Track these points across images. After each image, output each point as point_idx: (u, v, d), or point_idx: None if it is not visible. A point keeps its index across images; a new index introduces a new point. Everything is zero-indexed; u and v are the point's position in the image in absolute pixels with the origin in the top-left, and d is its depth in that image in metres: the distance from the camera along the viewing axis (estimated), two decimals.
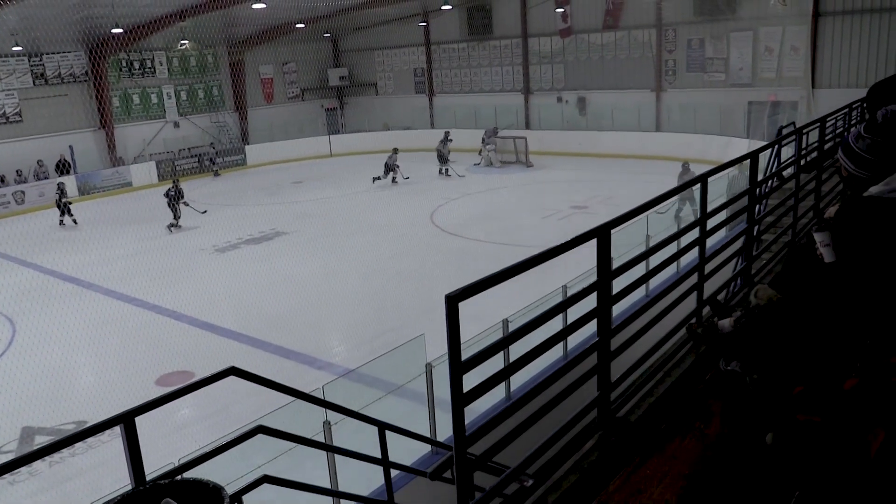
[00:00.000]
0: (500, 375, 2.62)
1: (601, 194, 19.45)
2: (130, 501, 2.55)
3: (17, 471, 2.52)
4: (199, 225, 19.54)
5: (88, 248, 17.72)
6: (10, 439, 8.74)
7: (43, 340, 11.88)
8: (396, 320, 11.34)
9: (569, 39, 28.49)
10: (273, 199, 22.68)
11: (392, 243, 16.10)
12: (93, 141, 27.30)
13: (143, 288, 13.98)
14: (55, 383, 10.39)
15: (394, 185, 22.94)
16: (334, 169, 27.83)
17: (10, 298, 13.90)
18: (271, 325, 11.49)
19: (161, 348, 11.10)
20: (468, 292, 2.29)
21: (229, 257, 16.20)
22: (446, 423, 6.47)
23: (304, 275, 14.18)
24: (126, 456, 2.71)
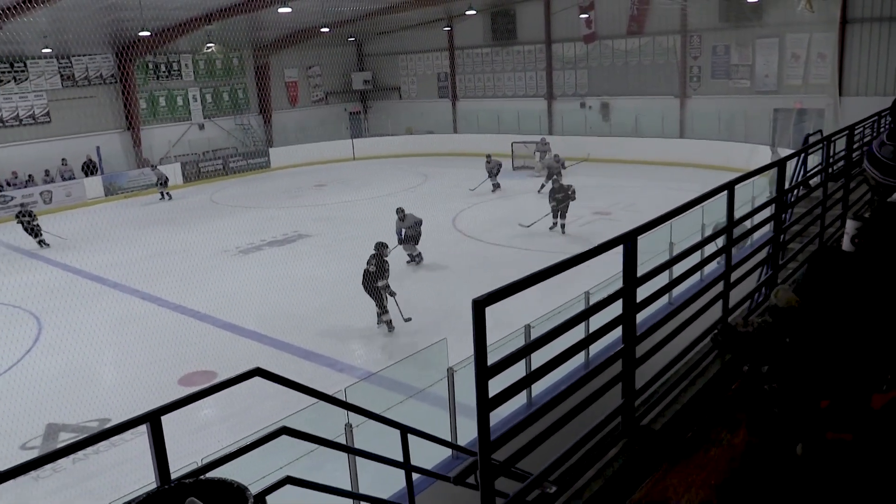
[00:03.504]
0: (525, 381, 2.61)
1: (624, 201, 19.36)
2: (156, 500, 2.57)
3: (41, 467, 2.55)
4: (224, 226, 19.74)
5: (114, 248, 17.93)
6: (34, 435, 8.86)
7: (68, 338, 12.04)
8: (417, 324, 11.35)
9: (592, 45, 28.43)
10: (296, 201, 22.82)
11: None
12: (119, 142, 27.67)
13: (166, 288, 14.11)
14: (79, 381, 10.51)
15: (494, 191, 22.60)
16: (357, 172, 27.95)
17: (36, 296, 14.12)
18: (293, 327, 11.55)
19: (184, 348, 11.19)
20: (495, 297, 2.29)
21: (252, 259, 16.32)
22: (466, 428, 6.47)
23: (326, 277, 14.23)
24: (151, 454, 2.73)
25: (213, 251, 16.97)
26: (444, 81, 33.66)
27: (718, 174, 19.34)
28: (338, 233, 18.14)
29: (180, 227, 19.76)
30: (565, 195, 16.61)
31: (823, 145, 7.20)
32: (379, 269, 11.36)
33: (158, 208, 23.63)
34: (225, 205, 23.40)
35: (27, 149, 25.01)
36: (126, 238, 19.11)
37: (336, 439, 4.45)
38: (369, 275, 11.42)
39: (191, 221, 20.65)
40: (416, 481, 4.63)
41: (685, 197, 4.08)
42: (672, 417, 3.52)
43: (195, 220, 20.98)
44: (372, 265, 11.40)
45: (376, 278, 11.32)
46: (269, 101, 32.28)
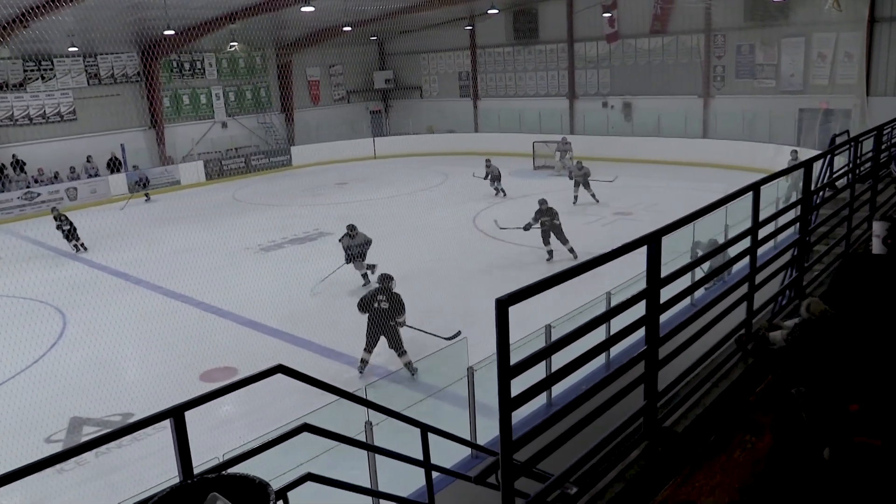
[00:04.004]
0: (548, 381, 2.59)
1: (646, 201, 19.23)
2: (179, 494, 2.59)
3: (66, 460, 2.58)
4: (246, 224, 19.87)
5: (137, 245, 18.12)
6: (58, 429, 8.97)
7: (91, 333, 12.19)
8: (437, 323, 11.33)
9: (615, 44, 28.26)
10: (317, 199, 22.91)
11: (434, 246, 16.11)
12: (143, 140, 27.95)
13: (189, 284, 14.21)
14: (102, 375, 10.62)
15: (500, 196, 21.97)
16: (378, 171, 28.02)
17: (61, 291, 14.31)
18: (313, 325, 11.59)
19: (205, 344, 11.28)
20: (518, 297, 2.28)
21: (273, 256, 16.42)
22: (486, 428, 6.46)
23: (347, 276, 14.28)
24: (175, 449, 2.75)
25: (235, 248, 17.08)
26: (466, 80, 33.63)
27: (742, 175, 19.16)
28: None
29: (203, 225, 19.94)
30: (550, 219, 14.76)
31: (850, 146, 7.10)
32: (393, 304, 9.87)
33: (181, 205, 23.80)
34: (247, 202, 23.57)
35: (53, 146, 25.35)
36: (149, 235, 19.32)
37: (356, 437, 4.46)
38: (382, 313, 9.85)
39: (213, 219, 20.82)
40: (436, 480, 4.63)
41: (708, 197, 4.05)
42: (695, 420, 3.49)
43: (218, 217, 21.14)
44: (384, 301, 9.82)
45: (393, 315, 9.78)
46: (292, 100, 32.45)
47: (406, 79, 35.34)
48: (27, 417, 9.38)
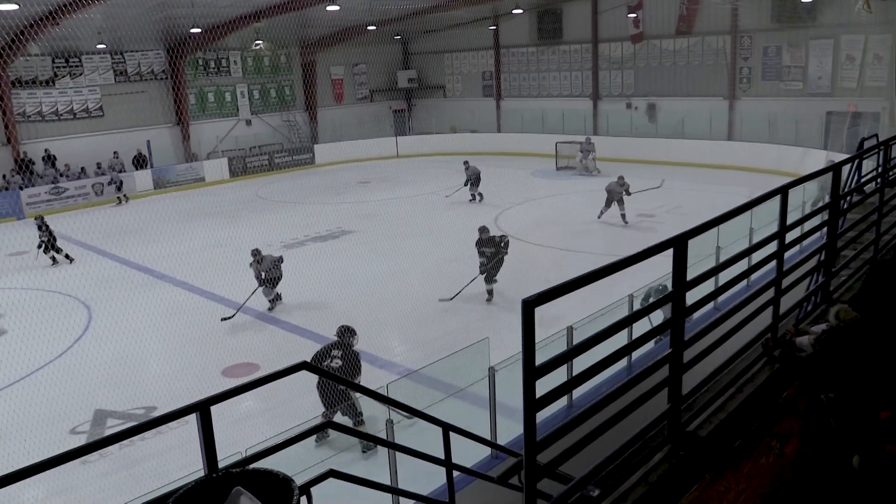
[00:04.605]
0: (573, 382, 2.59)
1: (669, 203, 19.08)
2: (204, 487, 2.61)
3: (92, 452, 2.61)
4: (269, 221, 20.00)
5: (162, 241, 18.32)
6: (83, 421, 9.09)
7: (116, 327, 12.35)
8: (456, 322, 11.35)
9: (640, 45, 28.10)
10: (339, 198, 23.02)
11: (455, 246, 16.08)
12: (169, 136, 28.24)
13: (212, 280, 14.34)
14: (126, 369, 10.76)
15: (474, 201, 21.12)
16: (400, 170, 28.09)
17: (87, 286, 14.49)
18: (334, 322, 11.59)
19: (228, 340, 11.39)
20: (545, 298, 2.27)
21: (296, 254, 16.49)
22: (505, 429, 6.45)
23: (368, 274, 14.33)
24: (200, 443, 2.77)
25: (258, 245, 17.07)
26: (489, 80, 33.60)
27: (768, 178, 18.97)
28: (380, 230, 18.24)
29: (227, 221, 20.11)
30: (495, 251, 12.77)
31: (879, 150, 6.99)
32: (349, 363, 7.98)
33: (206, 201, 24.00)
34: (270, 200, 23.73)
35: (81, 142, 25.69)
36: (174, 231, 19.52)
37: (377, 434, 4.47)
38: (331, 372, 7.35)
39: (237, 216, 21.00)
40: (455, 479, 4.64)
41: (732, 200, 4.01)
42: (718, 424, 3.46)
43: (241, 214, 21.32)
44: (337, 358, 8.01)
45: (348, 375, 7.78)
46: (315, 98, 32.62)
47: (429, 78, 35.38)
48: (53, 409, 9.54)
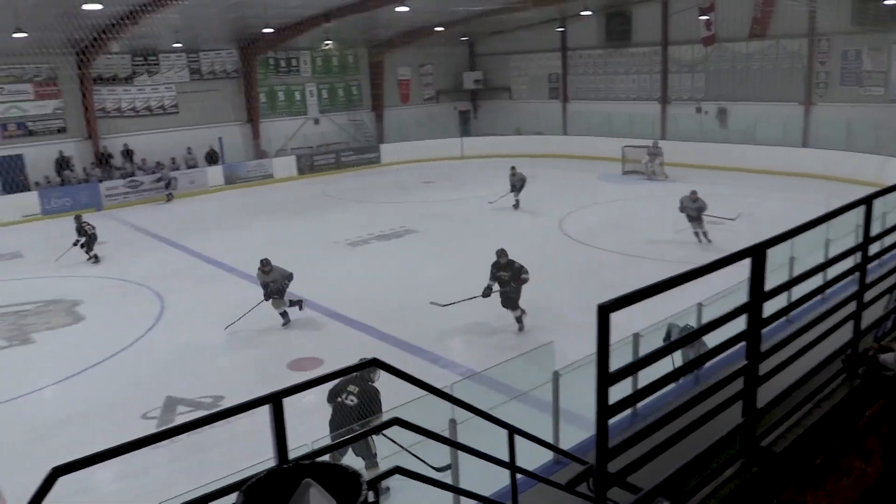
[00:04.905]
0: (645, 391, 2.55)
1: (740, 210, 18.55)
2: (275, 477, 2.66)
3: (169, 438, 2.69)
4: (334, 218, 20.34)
5: (232, 235, 18.86)
6: (154, 406, 9.38)
7: (187, 317, 12.75)
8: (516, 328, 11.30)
9: (712, 48, 27.45)
10: (404, 197, 23.21)
11: (518, 248, 15.92)
12: (240, 133, 28.97)
13: None
14: (196, 358, 11.08)
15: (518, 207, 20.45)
16: (464, 171, 28.13)
17: (160, 276, 15.02)
18: (397, 320, 11.75)
19: (293, 334, 11.62)
20: (621, 303, 2.24)
21: (360, 251, 16.72)
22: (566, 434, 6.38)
23: (431, 273, 14.42)
24: (272, 434, 2.83)
25: (324, 242, 17.50)
26: (556, 82, 33.35)
27: (844, 187, 18.32)
28: (444, 230, 18.34)
29: (294, 218, 20.58)
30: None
31: None
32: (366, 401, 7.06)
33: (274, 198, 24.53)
34: (336, 198, 24.08)
35: (156, 137, 26.60)
36: (243, 226, 20.04)
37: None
38: (346, 411, 7.03)
39: (304, 213, 21.42)
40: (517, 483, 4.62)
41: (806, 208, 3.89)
42: (795, 440, 3.35)
43: (308, 211, 21.73)
44: (352, 396, 7.11)
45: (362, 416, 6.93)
46: (382, 98, 32.97)
47: (495, 79, 35.34)
48: (126, 394, 9.90)
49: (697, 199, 15.62)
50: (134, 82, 26.53)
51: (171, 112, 27.39)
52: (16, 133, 24.23)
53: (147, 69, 26.75)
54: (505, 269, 11.42)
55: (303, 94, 30.96)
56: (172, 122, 27.33)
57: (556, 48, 32.70)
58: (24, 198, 23.12)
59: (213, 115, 27.96)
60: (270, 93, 29.95)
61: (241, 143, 28.91)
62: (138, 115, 26.68)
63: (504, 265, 11.46)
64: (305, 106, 31.05)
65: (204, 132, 27.62)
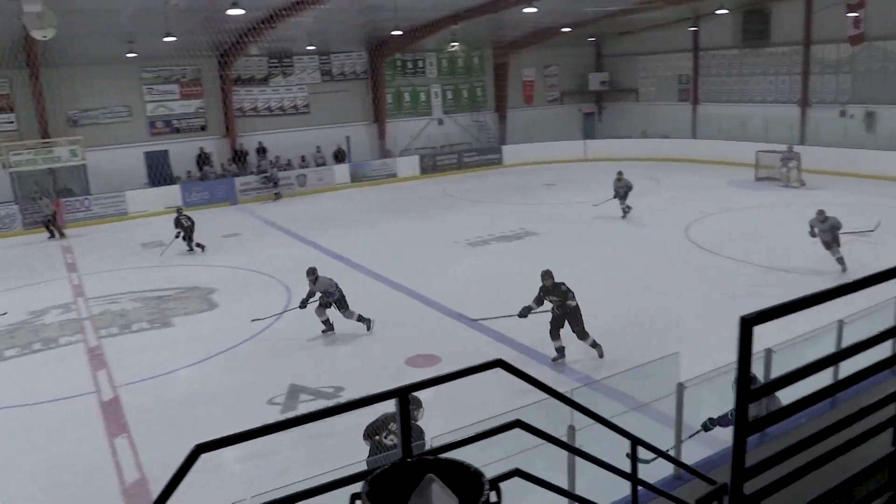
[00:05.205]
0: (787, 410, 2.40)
1: (889, 223, 17.24)
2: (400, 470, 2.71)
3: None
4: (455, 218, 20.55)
5: (356, 231, 19.44)
6: (278, 393, 9.79)
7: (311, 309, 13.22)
8: (640, 334, 11.00)
9: (860, 47, 25.65)
10: (525, 199, 23.12)
11: (642, 254, 15.64)
12: (366, 133, 29.84)
13: (400, 272, 14.97)
14: (318, 349, 11.50)
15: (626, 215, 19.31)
16: (587, 173, 27.67)
17: (288, 269, 15.66)
18: (514, 323, 11.69)
19: (411, 330, 11.81)
20: (765, 316, 2.12)
21: (480, 252, 16.79)
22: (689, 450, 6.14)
23: None
24: (398, 427, 2.88)
25: (445, 241, 17.70)
26: (686, 84, 32.22)
27: None
28: (565, 233, 18.12)
29: (416, 217, 20.97)
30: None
31: None
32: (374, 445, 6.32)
33: (398, 197, 25.04)
34: (457, 198, 24.32)
35: (288, 136, 27.85)
36: (368, 223, 20.61)
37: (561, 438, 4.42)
38: (385, 450, 6.15)
39: (426, 212, 21.77)
40: None
41: None
42: None
43: (430, 210, 22.06)
44: (393, 434, 6.26)
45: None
46: (505, 99, 33.00)
47: (622, 81, 34.58)
48: (253, 379, 10.41)
49: (827, 219, 13.65)
50: (269, 83, 27.88)
51: (302, 112, 28.59)
52: (163, 130, 26.06)
53: (282, 71, 28.04)
54: (553, 293, 10.37)
55: (428, 95, 31.49)
56: (303, 121, 28.52)
57: (688, 48, 31.59)
58: (168, 191, 24.81)
59: (342, 115, 28.97)
60: (396, 93, 30.65)
61: (367, 142, 29.77)
62: (272, 115, 28.02)
63: (550, 289, 10.41)
64: (430, 106, 31.57)
65: (332, 131, 28.66)
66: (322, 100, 28.74)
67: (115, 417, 9.44)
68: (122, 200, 23.81)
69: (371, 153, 29.68)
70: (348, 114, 29.25)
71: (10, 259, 19.34)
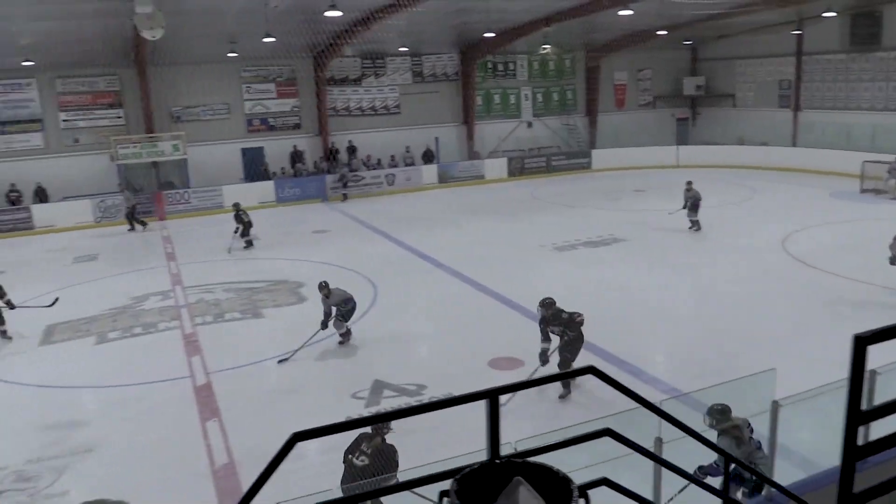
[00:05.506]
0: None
1: None
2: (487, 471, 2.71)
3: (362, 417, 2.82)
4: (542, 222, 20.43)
5: (442, 232, 19.60)
6: (363, 387, 9.96)
7: (396, 306, 13.42)
8: (730, 347, 10.63)
9: None
10: (614, 204, 22.75)
11: (735, 265, 15.13)
12: (455, 134, 30.01)
13: (485, 274, 14.98)
14: (402, 346, 11.64)
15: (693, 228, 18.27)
16: (679, 180, 26.81)
17: (375, 266, 15.97)
18: (598, 328, 11.49)
19: (495, 332, 11.80)
20: (882, 336, 2.01)
21: (566, 256, 16.62)
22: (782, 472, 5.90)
23: (637, 284, 14.01)
24: (486, 428, 2.89)
25: (531, 245, 17.60)
26: (787, 90, 30.94)
27: None
28: (654, 240, 17.72)
29: (502, 219, 20.95)
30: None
31: None
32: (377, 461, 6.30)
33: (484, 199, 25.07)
34: (545, 201, 24.15)
35: (378, 135, 28.34)
36: (454, 224, 20.75)
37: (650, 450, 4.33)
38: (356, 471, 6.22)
39: (512, 214, 21.72)
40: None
41: None
42: None
43: (517, 213, 21.99)
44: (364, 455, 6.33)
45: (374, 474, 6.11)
46: (596, 103, 32.54)
47: (718, 86, 33.53)
48: (338, 373, 10.65)
49: None
50: (362, 83, 28.44)
51: (393, 112, 29.02)
52: (259, 128, 26.97)
53: (374, 71, 28.55)
54: (554, 323, 9.38)
55: (517, 98, 31.40)
56: (394, 121, 28.94)
57: (790, 53, 30.32)
58: (262, 186, 25.68)
59: (432, 115, 29.25)
60: (486, 95, 30.69)
61: (455, 143, 29.95)
62: (363, 115, 28.57)
63: (550, 319, 9.41)
64: (519, 109, 31.46)
65: (422, 132, 28.98)
66: (412, 100, 29.10)
67: (208, 402, 9.84)
68: (218, 194, 24.75)
69: (459, 154, 29.84)
70: (438, 115, 29.51)
71: (116, 247, 20.46)
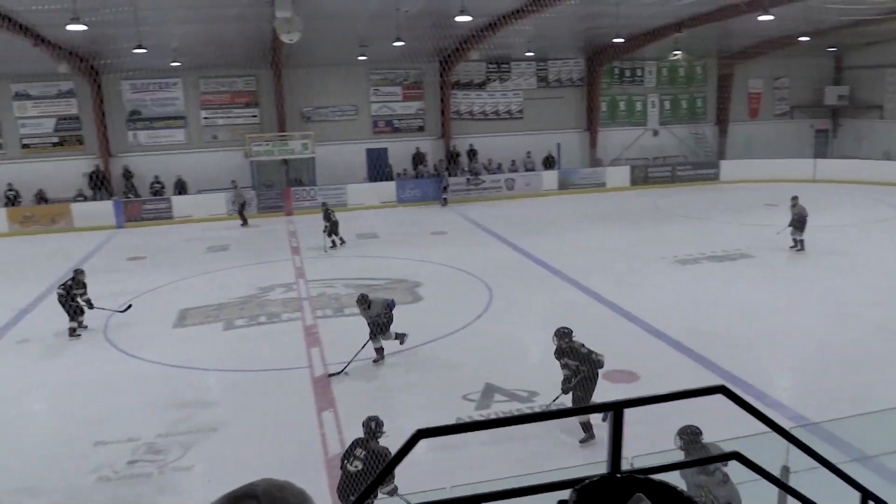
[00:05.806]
0: None
1: None
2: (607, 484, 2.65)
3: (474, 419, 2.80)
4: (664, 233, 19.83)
5: (560, 239, 19.40)
6: (474, 390, 9.98)
7: (511, 311, 13.40)
8: (865, 377, 9.92)
9: None
10: (742, 218, 21.72)
11: (873, 288, 14.12)
12: (577, 141, 29.63)
13: (602, 283, 14.70)
14: (515, 351, 11.60)
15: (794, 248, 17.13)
16: (816, 196, 25.38)
17: (491, 270, 16.01)
18: (719, 346, 11.07)
19: (610, 343, 11.45)
20: None
21: (689, 270, 16.03)
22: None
23: (764, 303, 13.33)
24: (609, 441, 2.83)
25: (651, 256, 17.11)
26: None
27: None
28: (783, 259, 16.81)
29: (623, 229, 20.48)
30: None
31: None
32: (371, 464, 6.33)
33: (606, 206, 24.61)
34: (668, 212, 23.44)
35: (499, 140, 28.39)
36: (572, 231, 20.51)
37: None
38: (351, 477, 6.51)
39: (633, 224, 21.20)
40: None
41: None
42: None
43: (638, 223, 21.45)
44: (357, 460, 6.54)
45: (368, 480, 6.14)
46: (728, 112, 31.24)
47: (864, 96, 31.38)
48: (450, 374, 10.72)
49: None
50: (486, 88, 28.60)
51: (516, 117, 29.00)
52: (384, 129, 27.67)
53: (499, 76, 28.64)
54: (569, 356, 8.75)
55: (644, 105, 30.62)
56: (516, 126, 28.91)
57: None
58: (384, 186, 26.37)
59: (554, 121, 29.01)
60: (611, 102, 30.12)
61: (577, 149, 29.56)
62: (486, 119, 28.71)
63: (566, 350, 8.78)
64: (645, 116, 30.68)
65: (544, 137, 28.80)
66: (536, 105, 28.97)
67: (324, 393, 10.17)
68: (343, 192, 25.58)
69: (581, 161, 29.43)
70: (561, 120, 29.23)
71: (247, 240, 21.55)
